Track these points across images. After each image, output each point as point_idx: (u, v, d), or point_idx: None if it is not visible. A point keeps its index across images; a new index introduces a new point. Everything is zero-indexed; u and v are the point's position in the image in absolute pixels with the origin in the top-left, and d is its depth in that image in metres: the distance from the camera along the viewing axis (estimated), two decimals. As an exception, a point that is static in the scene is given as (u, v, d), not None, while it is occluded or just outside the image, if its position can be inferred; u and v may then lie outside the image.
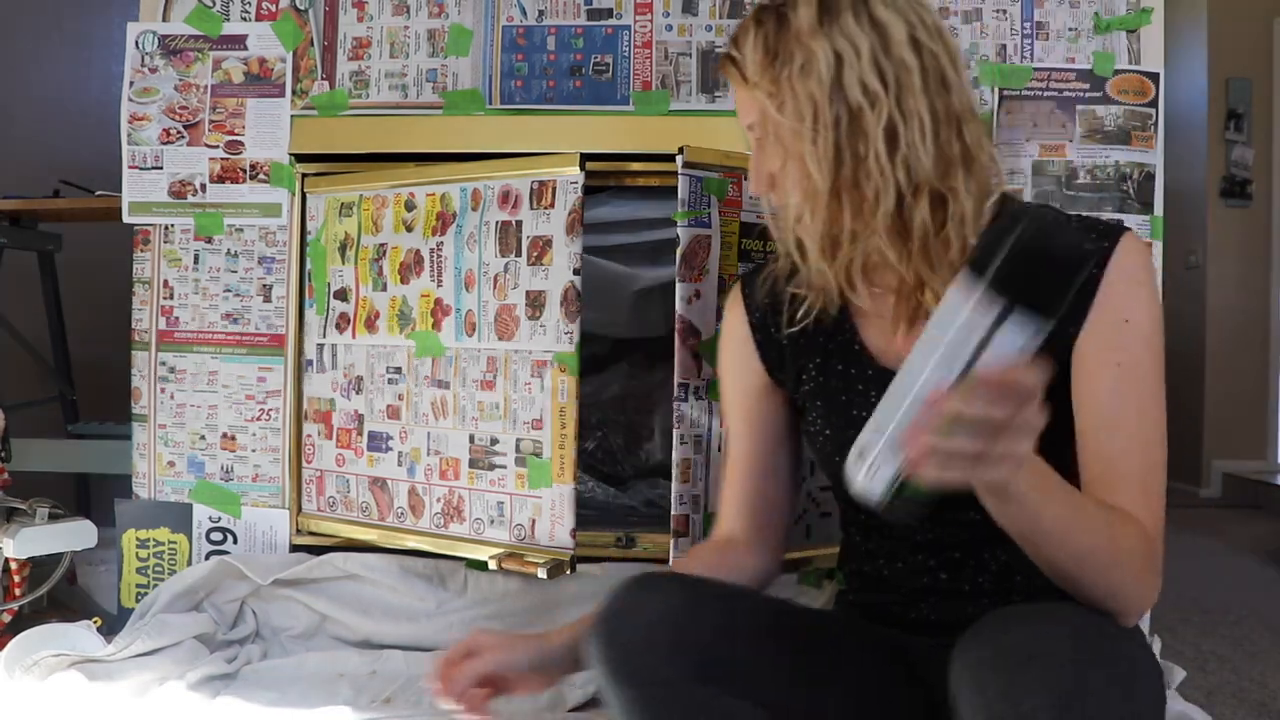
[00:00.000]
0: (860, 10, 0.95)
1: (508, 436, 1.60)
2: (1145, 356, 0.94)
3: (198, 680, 1.50)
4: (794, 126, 0.95)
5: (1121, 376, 0.93)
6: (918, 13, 0.96)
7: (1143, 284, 0.95)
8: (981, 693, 0.77)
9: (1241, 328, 4.37)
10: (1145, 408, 0.94)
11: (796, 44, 0.95)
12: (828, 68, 0.93)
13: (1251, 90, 4.35)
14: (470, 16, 1.78)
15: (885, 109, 0.93)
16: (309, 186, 1.82)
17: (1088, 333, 0.94)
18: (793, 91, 0.95)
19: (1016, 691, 0.75)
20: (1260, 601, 2.44)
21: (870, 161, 0.94)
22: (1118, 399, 0.93)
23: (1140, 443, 0.93)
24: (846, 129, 0.94)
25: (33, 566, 1.76)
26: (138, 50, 1.83)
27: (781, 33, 0.96)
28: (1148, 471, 0.92)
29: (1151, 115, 1.72)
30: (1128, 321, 0.94)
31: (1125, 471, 0.92)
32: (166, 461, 1.84)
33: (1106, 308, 0.94)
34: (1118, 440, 0.93)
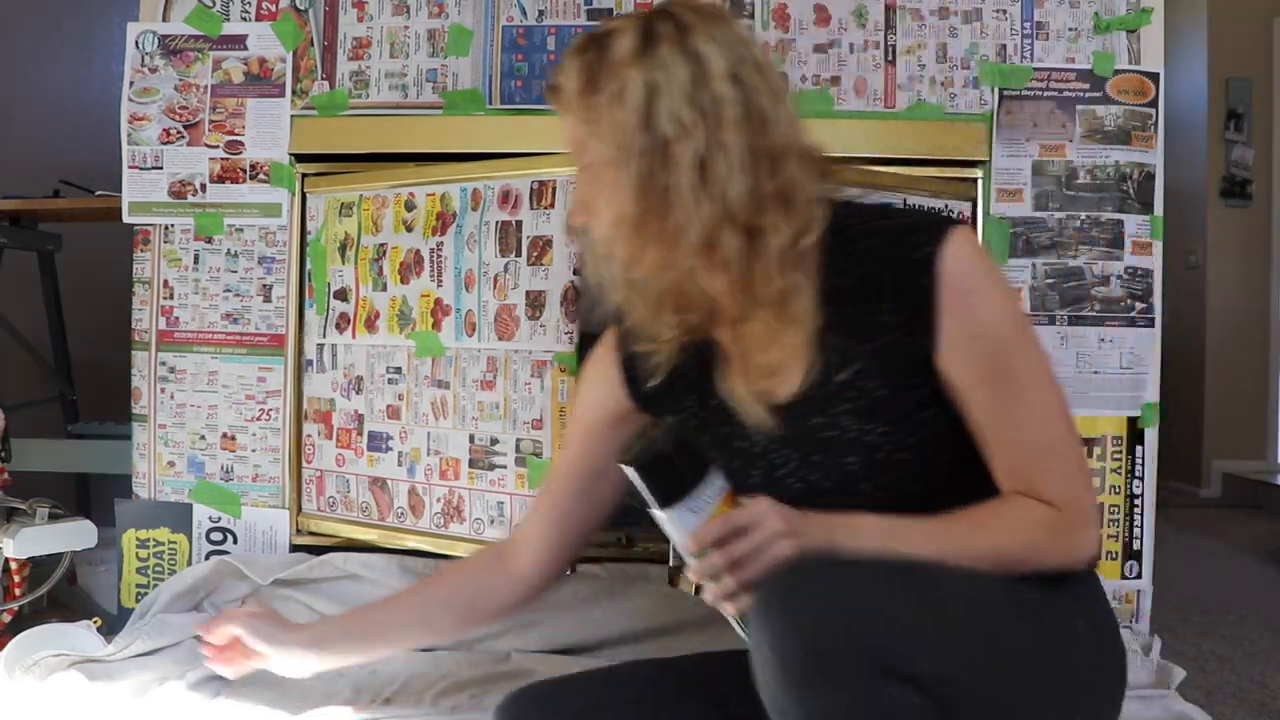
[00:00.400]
0: (680, 41, 0.93)
1: (508, 436, 1.60)
2: (1007, 362, 0.93)
3: (198, 680, 1.50)
4: (605, 154, 0.94)
5: (993, 389, 0.93)
6: (741, 48, 0.95)
7: (976, 289, 0.93)
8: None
9: (1241, 328, 4.37)
10: (1028, 405, 0.94)
11: (613, 73, 0.94)
12: (639, 97, 0.92)
13: (1251, 90, 4.35)
14: (470, 16, 1.78)
15: (696, 141, 0.92)
16: (309, 186, 1.82)
17: (945, 351, 0.93)
18: (605, 120, 0.94)
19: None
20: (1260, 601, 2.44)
21: (677, 193, 0.92)
22: (996, 413, 0.94)
23: (1034, 441, 0.94)
24: (655, 159, 0.92)
25: (33, 566, 1.76)
26: (138, 50, 1.83)
27: (600, 61, 0.95)
28: (1050, 459, 0.94)
29: (1151, 115, 1.72)
30: (978, 337, 0.93)
31: (1028, 472, 0.94)
32: (166, 461, 1.84)
33: (951, 326, 0.93)
34: (1011, 449, 0.94)
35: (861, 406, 0.95)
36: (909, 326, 0.93)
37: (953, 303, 0.92)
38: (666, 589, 1.40)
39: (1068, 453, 0.96)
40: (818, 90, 1.73)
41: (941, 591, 0.85)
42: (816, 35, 1.74)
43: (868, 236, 0.97)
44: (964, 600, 0.86)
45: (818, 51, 1.74)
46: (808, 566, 0.83)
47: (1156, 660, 1.57)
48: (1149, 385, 1.71)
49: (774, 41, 1.74)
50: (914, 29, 1.73)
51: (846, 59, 1.73)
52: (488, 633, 1.69)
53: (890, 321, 0.94)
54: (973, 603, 0.87)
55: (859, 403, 0.96)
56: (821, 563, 0.83)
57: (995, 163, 1.72)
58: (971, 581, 0.88)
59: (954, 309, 0.92)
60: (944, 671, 0.81)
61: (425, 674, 1.58)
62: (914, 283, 0.93)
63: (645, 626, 1.64)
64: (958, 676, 0.83)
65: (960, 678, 0.83)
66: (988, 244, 1.71)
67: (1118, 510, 1.71)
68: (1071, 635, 0.93)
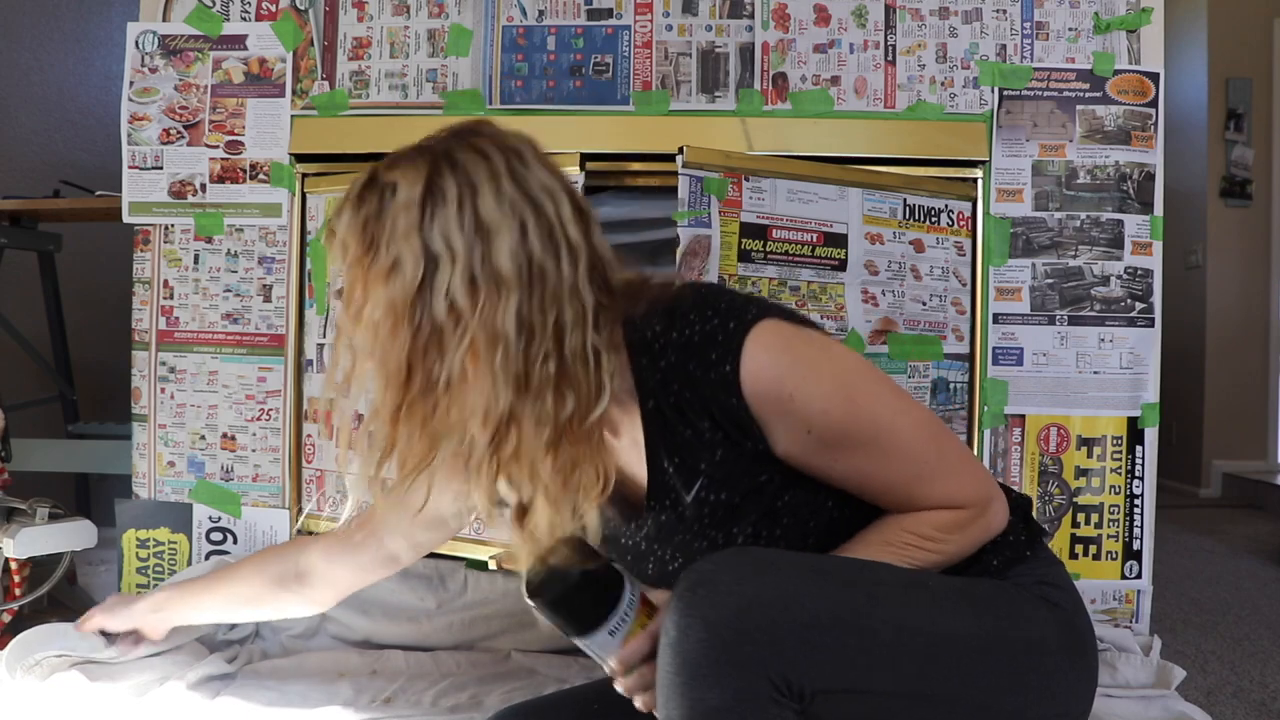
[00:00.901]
0: (466, 206, 0.85)
1: (508, 436, 1.60)
2: (847, 435, 0.91)
3: (198, 680, 1.50)
4: (371, 326, 0.86)
5: (846, 459, 0.92)
6: (537, 205, 0.88)
7: (788, 394, 0.89)
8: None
9: (1241, 328, 4.37)
10: (883, 450, 0.92)
11: (390, 238, 0.85)
12: (414, 273, 0.84)
13: (1251, 90, 4.35)
14: (470, 16, 1.78)
15: (469, 329, 0.84)
16: (309, 186, 1.81)
17: (783, 449, 0.91)
18: (376, 290, 0.86)
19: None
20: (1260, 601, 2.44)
21: (439, 387, 0.85)
22: (862, 477, 0.93)
23: (905, 475, 0.93)
24: (425, 342, 0.85)
25: (33, 566, 1.76)
26: (138, 50, 1.83)
27: (379, 220, 0.86)
28: (934, 478, 0.94)
29: (1151, 115, 1.72)
30: (809, 432, 0.90)
31: (915, 498, 0.94)
32: (166, 461, 1.84)
33: (778, 431, 0.90)
34: (890, 493, 0.94)
35: (719, 516, 0.94)
36: (735, 439, 0.91)
37: (770, 413, 0.89)
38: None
39: (942, 463, 0.95)
40: (818, 90, 1.73)
41: (873, 597, 0.84)
42: (816, 35, 1.74)
43: (666, 353, 0.92)
44: (896, 606, 0.85)
45: (818, 51, 1.74)
46: (728, 567, 0.81)
47: (1156, 660, 1.57)
48: (1149, 385, 1.71)
49: (774, 42, 1.74)
50: (914, 29, 1.73)
51: (846, 59, 1.74)
52: (487, 632, 1.69)
53: (716, 437, 0.91)
54: (906, 608, 0.86)
55: (715, 514, 0.94)
56: (742, 564, 0.81)
57: (995, 163, 1.72)
58: (906, 583, 0.88)
59: (773, 418, 0.90)
60: (852, 686, 0.81)
61: (425, 674, 1.59)
62: (724, 402, 0.90)
63: (645, 626, 1.64)
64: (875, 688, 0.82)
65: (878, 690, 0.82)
66: (986, 240, 1.71)
67: (1118, 510, 1.71)
68: (1027, 622, 0.92)
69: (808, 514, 0.95)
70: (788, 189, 1.55)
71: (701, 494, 0.93)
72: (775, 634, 0.77)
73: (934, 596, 0.87)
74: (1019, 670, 0.89)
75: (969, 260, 1.72)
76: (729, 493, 0.93)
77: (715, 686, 0.76)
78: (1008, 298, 1.72)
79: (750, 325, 0.89)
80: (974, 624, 0.88)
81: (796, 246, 1.55)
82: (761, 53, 1.73)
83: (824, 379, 0.90)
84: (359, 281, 0.87)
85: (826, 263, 1.58)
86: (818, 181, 1.57)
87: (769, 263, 1.53)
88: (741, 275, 1.51)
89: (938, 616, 0.86)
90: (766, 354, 0.89)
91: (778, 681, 0.77)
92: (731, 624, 0.77)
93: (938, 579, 0.91)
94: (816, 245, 1.57)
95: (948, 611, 0.87)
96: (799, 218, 1.56)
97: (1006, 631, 0.89)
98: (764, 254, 1.53)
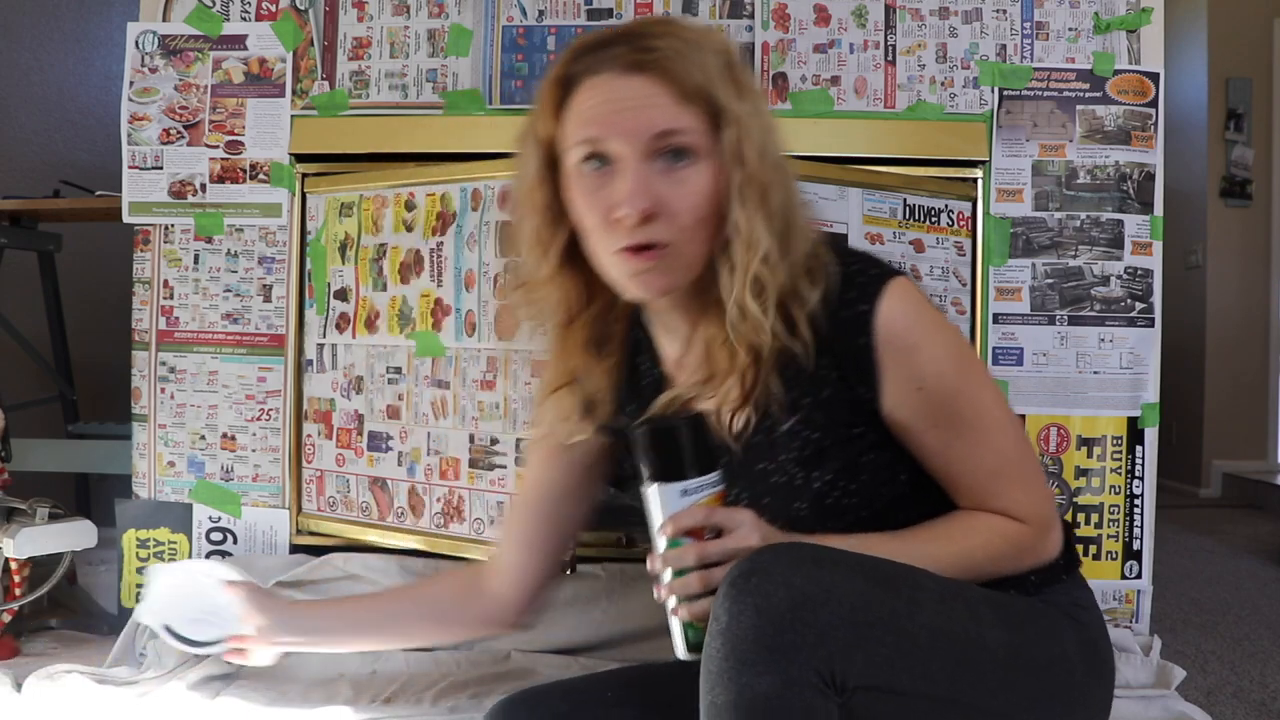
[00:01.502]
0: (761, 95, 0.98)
1: (508, 436, 1.60)
2: (952, 406, 0.94)
3: (198, 680, 1.50)
4: (759, 154, 0.91)
5: (942, 432, 0.95)
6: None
7: (914, 345, 0.92)
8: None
9: (1241, 328, 4.37)
10: (977, 439, 0.96)
11: (748, 79, 0.93)
12: (769, 124, 0.93)
13: (1251, 90, 4.35)
14: (470, 16, 1.78)
15: (789, 174, 0.94)
16: (309, 186, 1.82)
17: (890, 407, 0.94)
18: (759, 120, 0.92)
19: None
20: (1260, 601, 2.44)
21: (798, 218, 0.94)
22: (949, 453, 0.96)
23: (988, 469, 0.96)
24: (784, 178, 0.94)
25: (33, 566, 1.77)
26: (138, 50, 1.83)
27: (738, 68, 0.93)
28: (1008, 481, 0.96)
29: (1151, 115, 1.72)
30: (920, 389, 0.93)
31: (987, 494, 0.96)
32: (166, 461, 1.84)
33: (893, 381, 0.93)
34: (967, 479, 0.97)
35: (806, 455, 0.96)
36: (849, 380, 0.94)
37: (892, 360, 0.92)
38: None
39: (1023, 470, 0.98)
40: (818, 90, 1.73)
41: (914, 601, 0.86)
42: (816, 35, 1.74)
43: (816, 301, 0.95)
44: (934, 613, 0.86)
45: (818, 51, 1.74)
46: (782, 558, 0.82)
47: (1156, 660, 1.57)
48: (1149, 385, 1.71)
49: (774, 42, 1.74)
50: (914, 29, 1.73)
51: (846, 59, 1.74)
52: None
53: (831, 376, 0.94)
54: (944, 615, 0.87)
55: (803, 451, 0.96)
56: (795, 557, 0.83)
57: (995, 163, 1.72)
58: (945, 593, 0.89)
59: (894, 366, 0.92)
60: (887, 685, 0.82)
61: (425, 674, 1.59)
62: (852, 340, 0.92)
63: (645, 626, 1.64)
64: (908, 689, 0.83)
65: (910, 692, 0.84)
66: (986, 240, 1.71)
67: (1118, 510, 1.71)
68: (1055, 641, 0.94)
69: (883, 480, 0.97)
70: (788, 189, 1.55)
71: (797, 427, 0.95)
72: (823, 626, 0.79)
73: (970, 607, 0.89)
74: (1044, 685, 0.92)
75: (969, 260, 1.72)
76: (821, 434, 0.96)
77: (765, 673, 0.77)
78: (1008, 298, 1.72)
79: (890, 275, 0.94)
80: (1005, 637, 0.89)
81: (796, 246, 1.56)
82: (761, 53, 1.73)
83: (947, 345, 0.95)
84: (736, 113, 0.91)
85: (826, 263, 1.58)
86: (817, 181, 1.57)
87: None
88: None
89: (972, 627, 0.88)
90: (902, 304, 0.92)
91: (823, 672, 0.78)
92: (782, 612, 0.78)
93: (975, 591, 0.92)
94: (816, 245, 1.57)
95: (982, 623, 0.89)
96: (799, 218, 1.56)
97: (1035, 647, 0.92)
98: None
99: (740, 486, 0.99)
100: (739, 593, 0.79)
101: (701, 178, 0.90)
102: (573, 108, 0.92)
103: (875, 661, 0.81)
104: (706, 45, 0.92)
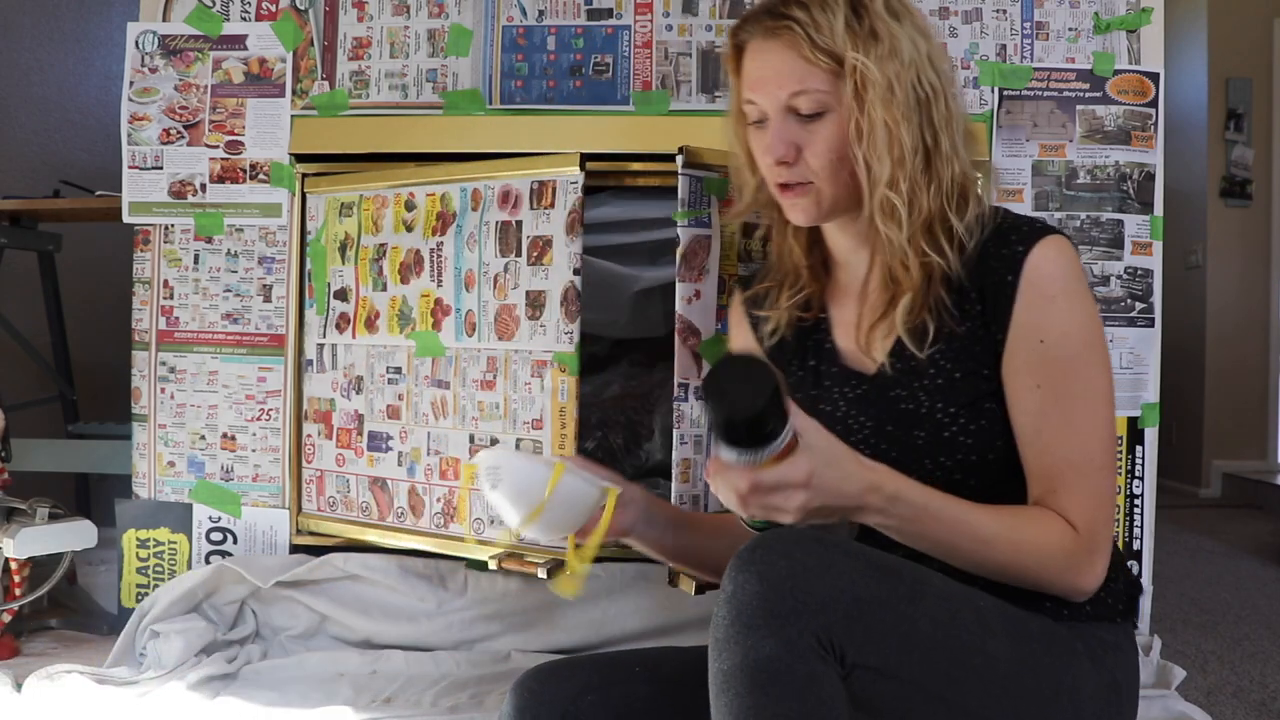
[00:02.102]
0: (915, 19, 1.04)
1: (508, 436, 1.60)
2: (1067, 373, 0.96)
3: (198, 680, 1.50)
4: (883, 98, 0.99)
5: (1043, 398, 0.96)
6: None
7: (1054, 297, 0.96)
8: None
9: (1241, 328, 4.37)
10: (1073, 423, 0.96)
11: (883, 26, 1.00)
12: (910, 55, 1.00)
13: (1251, 90, 4.34)
14: (470, 16, 1.78)
15: (941, 105, 1.02)
16: (309, 186, 1.82)
17: (1009, 351, 0.98)
18: (884, 67, 0.99)
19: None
20: (1260, 601, 2.44)
21: (943, 146, 1.01)
22: (1041, 419, 0.97)
23: (1068, 458, 0.96)
24: (924, 114, 1.01)
25: (33, 566, 1.77)
26: (138, 50, 1.83)
27: (864, 13, 1.00)
28: (1079, 482, 0.96)
29: (1151, 115, 1.72)
30: (1042, 342, 0.96)
31: (1055, 484, 0.96)
32: (166, 461, 1.84)
33: (1022, 325, 0.97)
34: (1045, 458, 0.97)
35: (939, 385, 1.00)
36: (987, 318, 0.99)
37: (1027, 303, 0.96)
38: (667, 589, 1.40)
39: (1099, 478, 0.97)
40: (818, 90, 1.73)
41: (917, 592, 0.86)
42: (816, 35, 1.73)
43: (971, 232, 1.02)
44: (937, 607, 0.87)
45: (818, 51, 1.73)
46: (789, 537, 0.84)
47: (1156, 660, 1.57)
48: (1149, 385, 1.71)
49: (774, 41, 1.73)
50: (914, 29, 1.73)
51: (846, 59, 1.73)
52: (487, 632, 1.69)
53: (974, 310, 0.99)
54: (947, 612, 0.87)
55: (937, 380, 1.01)
56: (802, 538, 0.84)
57: (995, 162, 1.72)
58: (952, 593, 0.89)
59: (1027, 309, 0.96)
60: (885, 667, 0.83)
61: (425, 674, 1.59)
62: (1000, 276, 0.98)
63: (645, 626, 1.65)
64: (904, 676, 0.84)
65: (907, 679, 0.84)
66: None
67: (1118, 510, 1.71)
68: (1067, 671, 0.93)
69: (995, 433, 0.99)
70: (788, 189, 1.55)
71: (936, 356, 1.01)
72: (824, 596, 0.81)
73: (979, 614, 0.90)
74: (1043, 709, 0.91)
75: (969, 260, 1.72)
76: (954, 364, 1.00)
77: (768, 637, 0.79)
78: (1008, 298, 1.72)
79: (1052, 231, 0.99)
80: (1010, 650, 0.89)
81: (796, 246, 1.55)
82: (761, 53, 1.73)
83: (1082, 313, 0.98)
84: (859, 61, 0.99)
85: (826, 263, 1.58)
86: (818, 181, 1.57)
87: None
88: (742, 275, 1.51)
89: (976, 630, 0.88)
90: (1057, 256, 0.97)
91: (824, 640, 0.80)
92: (784, 578, 0.80)
93: (987, 600, 0.92)
94: (816, 245, 1.57)
95: (988, 630, 0.89)
96: (799, 218, 1.56)
97: (1042, 670, 0.91)
98: (764, 254, 1.53)
99: (868, 415, 1.04)
100: (744, 563, 0.82)
101: (828, 128, 1.01)
102: (742, 72, 1.06)
103: (874, 639, 0.82)
104: (837, 3, 1.01)
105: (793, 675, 0.79)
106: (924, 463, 0.99)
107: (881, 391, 1.04)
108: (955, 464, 0.99)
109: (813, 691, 0.79)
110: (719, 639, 0.82)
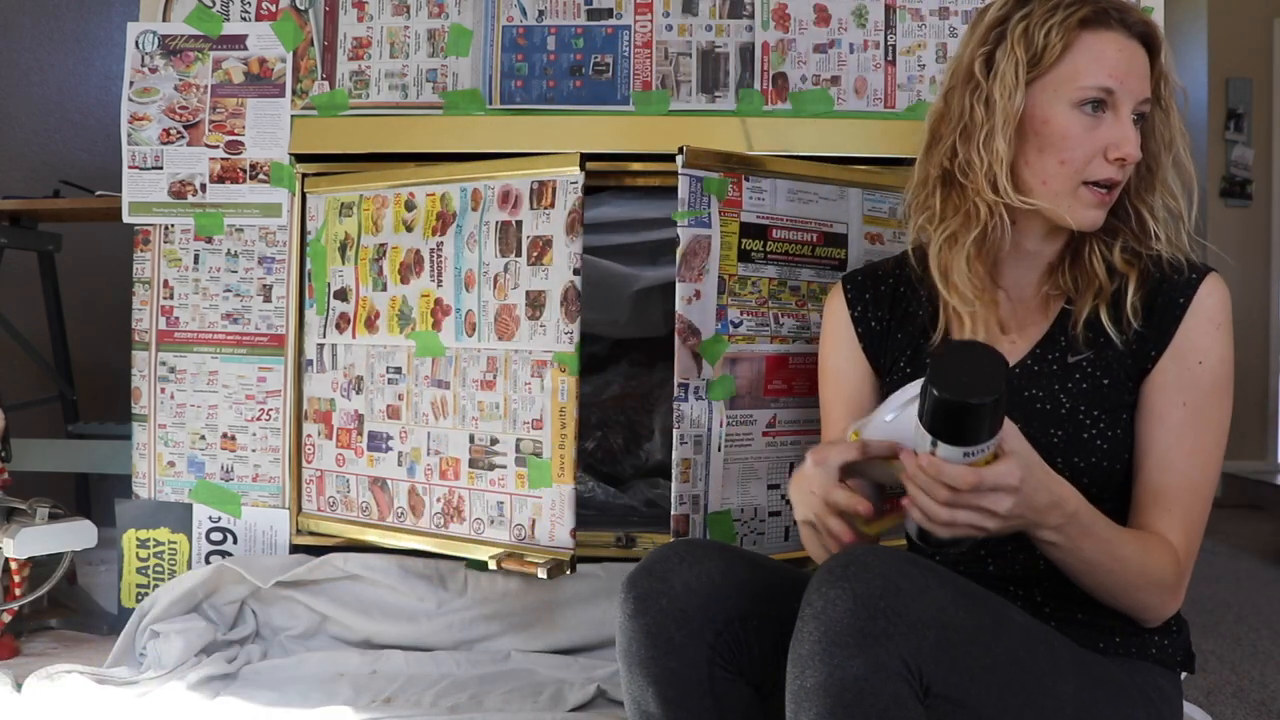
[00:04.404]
0: None
1: (508, 436, 1.60)
2: (1211, 399, 1.01)
3: (198, 680, 1.50)
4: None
5: (1186, 417, 1.00)
6: None
7: (1220, 326, 1.02)
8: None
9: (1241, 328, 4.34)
10: (1201, 447, 1.00)
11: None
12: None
13: (1251, 90, 4.34)
14: (470, 16, 1.78)
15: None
16: (309, 186, 1.82)
17: (1161, 368, 1.01)
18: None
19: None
20: (1260, 601, 2.44)
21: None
22: (1176, 436, 1.00)
23: (1189, 480, 0.99)
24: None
25: (33, 566, 1.77)
26: (138, 50, 1.83)
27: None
28: (1191, 507, 0.99)
29: (1151, 115, 1.71)
30: (1201, 363, 1.01)
31: (1170, 504, 0.99)
32: (166, 461, 1.84)
33: (1184, 346, 1.01)
34: (1169, 476, 0.99)
35: (1084, 389, 1.03)
36: (1146, 335, 1.02)
37: (1194, 324, 1.01)
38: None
39: (1204, 507, 1.01)
40: (818, 90, 1.73)
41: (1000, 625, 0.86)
42: (816, 35, 1.74)
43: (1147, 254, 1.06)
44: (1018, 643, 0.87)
45: (818, 51, 1.74)
46: (882, 555, 0.83)
47: (1156, 660, 1.56)
48: (1149, 385, 1.71)
49: (774, 42, 1.74)
50: (914, 29, 1.73)
51: (846, 59, 1.73)
52: (487, 632, 1.69)
53: (1133, 326, 1.02)
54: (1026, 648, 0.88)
55: (1082, 385, 1.03)
56: (896, 558, 0.84)
57: (995, 163, 1.71)
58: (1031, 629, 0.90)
59: (1191, 331, 1.01)
60: (963, 697, 0.82)
61: (425, 674, 1.59)
62: (1172, 298, 1.02)
63: (645, 626, 1.64)
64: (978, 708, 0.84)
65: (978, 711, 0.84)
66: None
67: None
68: (1128, 711, 0.94)
69: (1123, 449, 1.02)
70: (788, 189, 1.55)
71: (1085, 363, 1.04)
72: (915, 619, 0.80)
73: (1052, 652, 0.90)
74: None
75: (969, 260, 1.72)
76: (1104, 372, 1.03)
77: (856, 656, 0.78)
78: (1008, 298, 1.71)
79: (1214, 271, 1.04)
80: (1078, 693, 0.90)
81: (796, 246, 1.55)
82: (761, 53, 1.73)
83: (1231, 350, 1.03)
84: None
85: (826, 263, 1.58)
86: (817, 181, 1.57)
87: (769, 263, 1.53)
88: (741, 275, 1.51)
89: (1049, 670, 0.89)
90: (1224, 291, 1.03)
91: (911, 665, 0.79)
92: (877, 599, 0.79)
93: (1061, 641, 0.93)
94: (816, 245, 1.57)
95: (1060, 670, 0.90)
96: (799, 218, 1.55)
97: (1103, 711, 0.92)
98: (764, 254, 1.53)
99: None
100: (835, 579, 0.81)
101: (1146, 139, 1.06)
102: (1090, 46, 1.01)
103: (958, 669, 0.82)
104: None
105: (877, 698, 0.78)
106: (1055, 461, 0.96)
107: (1015, 391, 1.05)
108: (1088, 466, 1.00)
109: (894, 716, 0.79)
110: (802, 655, 0.80)
